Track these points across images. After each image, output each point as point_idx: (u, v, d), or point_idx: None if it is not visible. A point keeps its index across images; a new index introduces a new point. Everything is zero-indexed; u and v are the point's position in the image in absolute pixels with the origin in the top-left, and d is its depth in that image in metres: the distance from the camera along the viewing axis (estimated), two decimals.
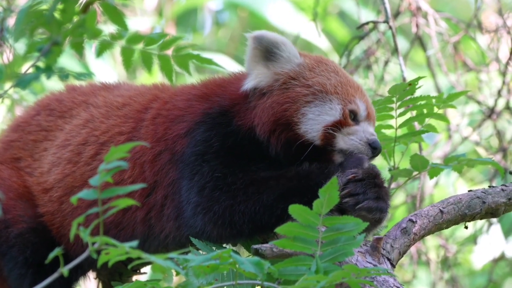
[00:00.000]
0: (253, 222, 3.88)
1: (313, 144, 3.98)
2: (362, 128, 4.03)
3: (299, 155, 3.97)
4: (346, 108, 4.02)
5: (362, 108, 4.06)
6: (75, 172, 4.29)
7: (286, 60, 4.07)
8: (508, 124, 6.78)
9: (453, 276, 7.09)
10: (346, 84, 4.08)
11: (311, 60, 4.12)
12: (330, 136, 3.98)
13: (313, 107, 4.01)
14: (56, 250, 3.19)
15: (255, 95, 4.07)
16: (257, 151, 4.01)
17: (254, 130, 4.03)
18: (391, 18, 5.71)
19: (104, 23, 3.72)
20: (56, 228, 4.31)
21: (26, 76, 3.49)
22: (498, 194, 4.10)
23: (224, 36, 10.26)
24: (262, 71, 4.07)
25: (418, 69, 8.32)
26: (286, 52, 4.07)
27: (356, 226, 3.41)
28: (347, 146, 3.99)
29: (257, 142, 4.02)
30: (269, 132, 4.00)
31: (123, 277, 4.53)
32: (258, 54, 4.08)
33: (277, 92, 4.04)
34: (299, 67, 4.07)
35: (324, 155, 4.01)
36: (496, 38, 6.58)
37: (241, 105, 4.09)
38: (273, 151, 4.01)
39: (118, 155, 3.22)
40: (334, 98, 4.03)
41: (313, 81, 4.04)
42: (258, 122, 4.02)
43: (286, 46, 4.08)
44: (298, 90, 4.03)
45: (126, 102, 4.38)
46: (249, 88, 4.08)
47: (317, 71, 4.08)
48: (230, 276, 3.73)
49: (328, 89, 4.03)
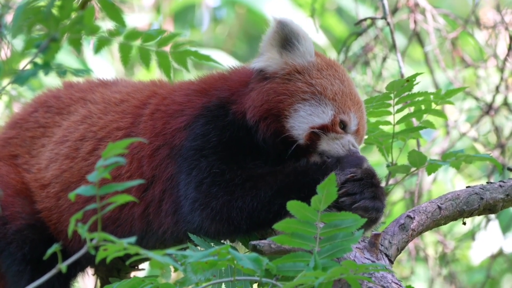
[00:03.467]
0: (250, 218, 3.88)
1: (297, 142, 3.99)
2: (348, 138, 4.03)
3: (284, 149, 3.98)
4: (338, 116, 4.02)
5: (353, 122, 4.06)
6: (72, 167, 4.29)
7: (300, 54, 4.07)
8: (506, 120, 6.78)
9: (451, 272, 7.10)
10: (347, 95, 4.07)
11: (322, 62, 4.12)
12: (315, 138, 3.99)
13: (307, 105, 4.01)
14: (54, 246, 3.19)
15: (257, 77, 4.09)
16: (252, 144, 4.01)
17: (246, 115, 4.03)
18: (389, 14, 5.71)
19: (102, 20, 3.72)
20: (53, 224, 4.32)
21: (24, 72, 3.49)
22: (496, 190, 4.11)
23: (222, 33, 10.26)
24: (274, 56, 4.08)
25: (416, 65, 8.32)
26: (303, 46, 4.07)
27: (354, 223, 3.42)
28: (329, 148, 4.00)
29: (249, 130, 4.02)
30: (259, 118, 4.01)
31: (121, 273, 4.53)
32: (277, 38, 4.08)
33: (278, 81, 4.05)
34: (308, 64, 4.08)
35: (304, 154, 4.02)
36: (494, 34, 6.58)
37: (239, 91, 4.10)
38: (261, 137, 4.01)
39: (116, 151, 3.21)
40: (329, 104, 4.03)
41: (316, 82, 4.05)
42: (250, 104, 4.03)
43: (306, 40, 4.08)
44: (299, 85, 4.04)
45: (124, 98, 4.38)
46: (256, 68, 4.08)
47: (324, 73, 4.08)
48: (228, 272, 3.74)
49: (328, 93, 4.03)
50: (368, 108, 4.42)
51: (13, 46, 3.86)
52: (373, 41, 6.59)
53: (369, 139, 4.48)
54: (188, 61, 3.78)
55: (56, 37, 3.47)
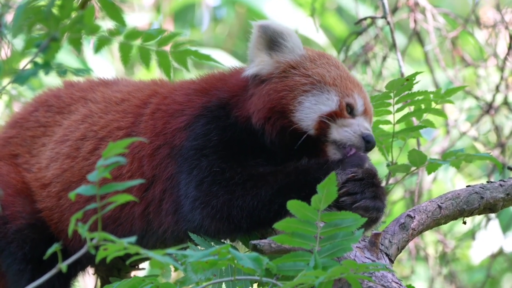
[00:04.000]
0: (251, 217, 3.88)
1: (307, 133, 3.98)
2: (358, 121, 4.03)
3: (293, 144, 3.98)
4: (343, 100, 4.03)
5: (359, 103, 4.06)
6: (73, 167, 4.30)
7: (289, 50, 4.08)
8: (506, 119, 6.79)
9: (451, 272, 7.10)
10: (346, 79, 4.09)
11: (313, 53, 4.14)
12: (324, 126, 3.98)
13: (310, 96, 4.02)
14: (54, 245, 3.19)
15: (254, 82, 4.09)
16: (255, 145, 4.02)
17: (251, 120, 4.03)
18: (389, 13, 5.71)
19: (102, 19, 3.71)
20: (54, 223, 4.32)
21: (24, 72, 3.49)
22: (496, 189, 4.11)
23: (222, 32, 10.26)
24: (264, 59, 4.08)
25: (416, 65, 8.32)
26: (290, 43, 4.09)
27: (354, 222, 3.41)
28: (340, 137, 3.99)
29: (254, 133, 4.02)
30: (264, 119, 4.01)
31: (122, 272, 4.53)
32: (262, 42, 4.09)
33: (276, 80, 4.05)
34: (300, 58, 4.09)
35: (317, 146, 4.01)
36: (494, 33, 6.58)
37: (239, 96, 4.10)
38: (268, 139, 4.01)
39: (117, 150, 3.21)
40: (332, 90, 4.04)
41: (313, 72, 4.06)
42: (254, 109, 4.03)
43: (291, 36, 4.10)
44: (297, 79, 4.04)
45: (124, 97, 4.38)
46: (249, 75, 4.09)
47: (318, 63, 4.10)
48: (228, 271, 3.74)
49: (327, 80, 4.05)
50: None
51: (14, 46, 3.86)
52: (373, 40, 6.59)
53: None
54: (188, 61, 3.78)
55: (56, 37, 3.47)
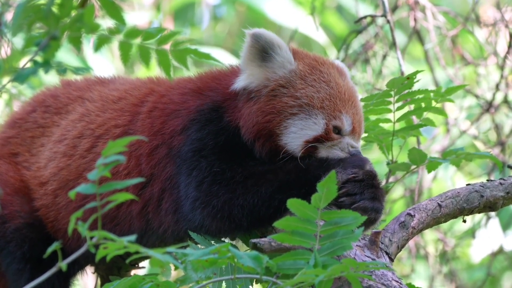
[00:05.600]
0: (251, 215, 3.88)
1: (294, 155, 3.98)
2: (345, 140, 4.02)
3: (283, 159, 3.96)
4: (330, 123, 3.99)
5: (347, 124, 4.02)
6: (70, 165, 4.29)
7: (279, 65, 4.03)
8: (506, 117, 6.79)
9: (451, 270, 7.10)
10: (336, 97, 4.03)
11: (305, 66, 4.06)
12: (311, 149, 3.98)
13: (297, 120, 3.98)
14: (54, 244, 3.18)
15: (243, 95, 4.05)
16: (248, 147, 4.01)
17: (241, 130, 4.02)
18: (389, 12, 5.71)
19: (102, 18, 3.71)
20: (50, 222, 4.31)
21: (24, 70, 3.49)
22: (496, 188, 4.11)
23: (222, 31, 10.25)
24: (255, 72, 4.03)
25: (416, 63, 8.32)
26: (280, 57, 4.03)
27: (354, 221, 3.41)
28: (328, 155, 3.99)
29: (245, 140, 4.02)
30: (253, 138, 3.99)
31: (122, 271, 4.53)
32: (254, 52, 4.04)
33: (264, 99, 4.01)
34: (290, 74, 4.03)
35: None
36: (494, 31, 6.58)
37: (231, 100, 4.08)
38: (258, 154, 4.01)
39: (116, 149, 3.21)
40: (319, 113, 3.99)
41: (302, 93, 4.00)
42: (243, 124, 4.01)
43: (281, 50, 4.03)
44: (285, 100, 4.00)
45: (121, 96, 4.38)
46: (239, 88, 4.06)
47: (308, 80, 4.03)
48: (228, 270, 3.74)
49: (315, 103, 3.99)
50: (368, 106, 4.41)
51: (13, 44, 3.86)
52: (373, 39, 6.59)
53: (369, 136, 4.48)
54: (188, 59, 3.78)
55: (56, 35, 3.47)
